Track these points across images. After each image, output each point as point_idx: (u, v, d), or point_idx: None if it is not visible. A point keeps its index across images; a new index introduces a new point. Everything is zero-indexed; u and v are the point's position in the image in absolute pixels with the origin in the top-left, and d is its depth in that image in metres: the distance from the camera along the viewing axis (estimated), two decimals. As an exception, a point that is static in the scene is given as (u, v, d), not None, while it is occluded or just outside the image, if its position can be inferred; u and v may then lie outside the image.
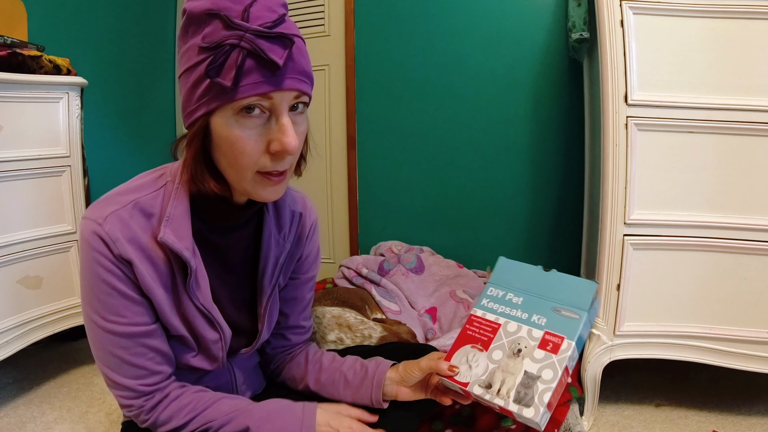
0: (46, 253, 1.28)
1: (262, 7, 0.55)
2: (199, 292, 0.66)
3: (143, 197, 0.63)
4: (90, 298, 0.62)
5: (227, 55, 0.53)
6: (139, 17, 2.27)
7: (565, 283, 0.66)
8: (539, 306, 0.66)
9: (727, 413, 1.16)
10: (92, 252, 0.60)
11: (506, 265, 0.72)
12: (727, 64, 1.01)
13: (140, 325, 0.64)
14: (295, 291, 0.82)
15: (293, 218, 0.77)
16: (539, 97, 1.76)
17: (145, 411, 0.66)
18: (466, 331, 0.69)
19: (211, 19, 0.55)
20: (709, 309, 1.06)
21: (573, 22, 1.47)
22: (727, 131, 1.01)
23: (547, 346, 0.62)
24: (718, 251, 1.05)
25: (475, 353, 0.66)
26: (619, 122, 1.04)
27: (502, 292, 0.70)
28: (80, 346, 1.60)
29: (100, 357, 0.65)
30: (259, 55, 0.53)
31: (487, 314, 0.69)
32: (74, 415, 1.21)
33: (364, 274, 1.62)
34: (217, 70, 0.54)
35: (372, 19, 1.95)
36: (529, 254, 1.84)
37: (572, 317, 0.62)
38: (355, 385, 0.75)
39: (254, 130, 0.57)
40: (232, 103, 0.55)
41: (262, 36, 0.54)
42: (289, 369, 0.84)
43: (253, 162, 0.58)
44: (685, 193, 1.05)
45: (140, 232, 0.62)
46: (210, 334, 0.68)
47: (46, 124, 1.27)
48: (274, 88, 0.55)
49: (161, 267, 0.64)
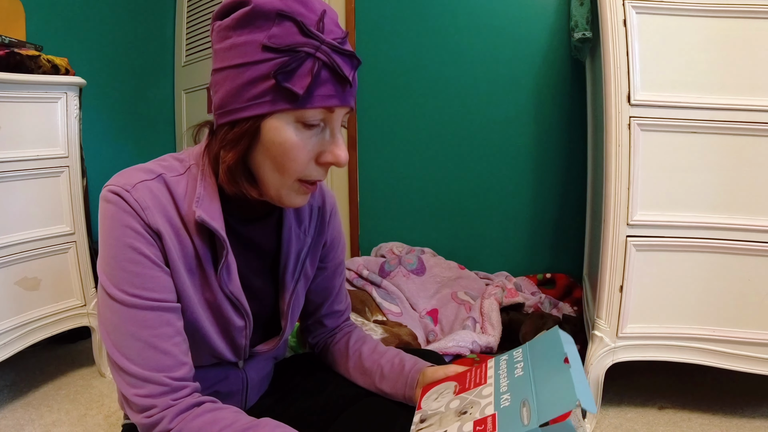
0: (45, 255, 1.28)
1: (330, 22, 0.56)
2: (229, 277, 0.64)
3: (169, 176, 0.62)
4: (112, 269, 0.57)
5: (301, 62, 0.53)
6: (137, 17, 2.27)
7: (561, 385, 0.52)
8: (521, 389, 0.56)
9: (731, 416, 1.15)
10: (120, 217, 0.57)
11: (550, 336, 0.62)
12: (731, 63, 1.00)
13: (167, 301, 0.59)
14: (325, 281, 0.83)
15: (312, 212, 0.77)
16: (541, 97, 1.75)
17: (171, 416, 0.56)
18: (469, 370, 0.67)
19: (282, 20, 0.53)
20: (712, 311, 1.06)
21: (575, 21, 1.46)
22: (731, 131, 1.01)
23: (478, 426, 0.53)
24: (722, 252, 1.04)
25: (449, 391, 0.64)
26: (622, 122, 1.03)
27: (520, 359, 0.62)
28: (79, 348, 1.60)
29: (117, 344, 0.57)
30: (334, 69, 0.55)
31: (491, 368, 0.64)
32: (73, 418, 1.20)
33: (364, 275, 1.61)
34: (288, 75, 0.53)
35: (372, 18, 1.94)
36: (531, 255, 1.83)
37: (522, 420, 0.51)
38: (391, 380, 0.76)
39: (310, 139, 0.58)
40: (297, 111, 0.55)
41: (336, 51, 0.55)
42: (332, 353, 0.85)
43: (301, 170, 0.59)
44: (688, 194, 1.04)
45: (169, 207, 0.60)
46: (237, 321, 0.67)
47: (45, 124, 1.26)
48: (341, 104, 0.57)
49: (188, 247, 0.61)
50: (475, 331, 1.37)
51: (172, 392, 0.57)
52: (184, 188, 0.62)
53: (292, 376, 0.87)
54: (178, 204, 0.61)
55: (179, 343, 0.59)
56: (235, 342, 0.69)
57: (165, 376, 0.57)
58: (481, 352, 1.32)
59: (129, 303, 0.57)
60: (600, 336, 1.10)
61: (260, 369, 0.79)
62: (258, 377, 0.79)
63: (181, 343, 0.60)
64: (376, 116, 1.97)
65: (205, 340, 0.65)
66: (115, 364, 0.57)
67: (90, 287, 1.38)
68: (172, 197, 0.61)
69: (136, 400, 0.56)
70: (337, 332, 0.87)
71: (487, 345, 1.32)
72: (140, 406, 0.56)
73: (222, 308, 0.65)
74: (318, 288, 0.82)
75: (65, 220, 1.32)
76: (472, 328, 1.37)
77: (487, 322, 1.39)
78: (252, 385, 0.78)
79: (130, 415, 0.58)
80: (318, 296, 0.83)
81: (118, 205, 0.57)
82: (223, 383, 0.73)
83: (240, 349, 0.70)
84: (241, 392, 0.76)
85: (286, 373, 0.89)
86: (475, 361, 1.20)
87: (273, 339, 0.76)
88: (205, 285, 0.64)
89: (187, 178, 0.63)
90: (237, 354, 0.71)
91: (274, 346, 0.76)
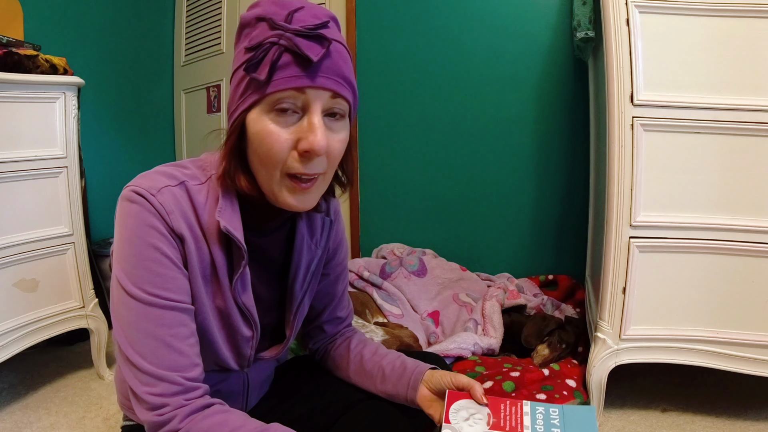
0: (43, 256, 1.27)
1: (307, 14, 0.58)
2: (243, 289, 0.65)
3: (191, 185, 0.63)
4: (133, 267, 0.58)
5: (266, 52, 0.56)
6: (136, 16, 2.26)
7: None
8: None
9: (734, 418, 1.14)
10: (145, 217, 0.57)
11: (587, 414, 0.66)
12: (735, 63, 1.00)
13: (184, 303, 0.60)
14: (328, 287, 0.83)
15: (324, 224, 0.77)
16: (543, 97, 1.75)
17: (182, 416, 0.56)
18: (501, 402, 0.67)
19: (258, 23, 0.58)
20: (716, 312, 1.05)
21: (578, 20, 1.45)
22: (735, 132, 1.00)
23: None
24: (726, 254, 1.03)
25: (483, 419, 0.64)
26: (625, 122, 1.02)
27: (558, 422, 0.64)
28: (77, 350, 1.59)
29: (132, 341, 0.57)
30: (295, 51, 0.55)
31: (528, 415, 0.65)
32: (71, 421, 1.20)
33: (365, 277, 1.60)
34: (255, 67, 0.56)
35: (373, 18, 1.93)
36: (534, 256, 1.82)
37: None
38: (392, 381, 0.75)
39: (286, 128, 0.58)
40: (266, 98, 0.56)
41: (301, 35, 0.56)
42: (333, 358, 0.85)
43: (281, 159, 0.58)
44: (692, 195, 1.03)
45: (190, 214, 0.61)
46: (245, 331, 0.67)
47: (43, 124, 1.25)
48: (307, 84, 0.56)
49: (205, 255, 0.62)
50: (477, 333, 1.36)
51: (185, 392, 0.58)
52: (204, 197, 0.63)
53: (294, 379, 0.87)
54: (198, 212, 0.62)
55: (193, 345, 0.60)
56: (241, 351, 0.69)
57: (179, 375, 0.57)
58: (483, 354, 1.31)
59: (147, 301, 0.57)
60: (603, 338, 1.09)
61: (261, 371, 0.80)
62: (259, 379, 0.80)
63: (195, 344, 0.61)
64: (377, 115, 1.96)
65: (212, 347, 0.66)
66: (128, 361, 0.58)
67: (88, 289, 1.38)
68: (193, 205, 0.62)
69: (147, 398, 0.56)
70: (337, 337, 0.87)
71: (488, 347, 1.31)
72: (152, 404, 0.56)
73: (232, 318, 0.66)
74: (320, 294, 0.82)
75: (63, 221, 1.31)
76: (474, 330, 1.37)
77: (488, 323, 1.39)
78: (253, 386, 0.78)
79: (139, 413, 0.58)
80: (320, 302, 0.83)
81: (142, 206, 0.58)
82: (225, 383, 0.73)
83: (245, 358, 0.70)
84: (242, 393, 0.77)
85: (287, 375, 0.88)
86: (486, 374, 1.18)
87: (276, 347, 0.76)
88: (218, 293, 0.64)
89: (208, 187, 0.64)
90: (240, 364, 0.71)
91: (277, 354, 0.76)
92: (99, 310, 1.39)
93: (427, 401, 0.73)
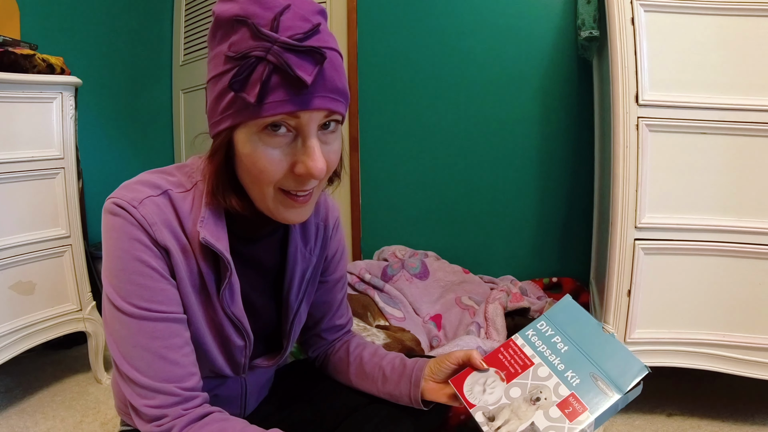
0: (40, 258, 1.26)
1: (294, 16, 0.51)
2: (231, 299, 0.63)
3: (175, 193, 0.60)
4: (120, 282, 0.57)
5: (252, 68, 0.50)
6: (134, 15, 2.24)
7: (618, 354, 0.62)
8: (580, 364, 0.62)
9: (741, 423, 1.13)
10: (128, 230, 0.56)
11: (568, 307, 0.68)
12: (741, 63, 0.99)
13: (176, 313, 0.59)
14: (326, 295, 0.81)
15: (318, 230, 0.75)
16: (548, 97, 1.73)
17: (181, 425, 0.56)
18: (497, 354, 0.68)
19: (239, 26, 0.51)
20: (722, 315, 1.04)
21: (582, 19, 1.44)
22: (741, 132, 0.99)
23: (566, 409, 0.58)
24: (732, 256, 1.02)
25: (495, 380, 0.65)
26: (630, 123, 1.01)
27: (552, 332, 0.66)
28: (74, 353, 1.58)
29: (127, 355, 0.56)
30: (285, 72, 0.50)
31: (526, 346, 0.66)
32: (68, 425, 1.19)
33: (367, 279, 1.59)
34: (241, 84, 0.51)
35: (375, 17, 1.92)
36: (537, 259, 1.80)
37: (606, 393, 0.59)
38: (393, 381, 0.74)
39: (279, 149, 0.54)
40: (256, 120, 0.52)
41: (290, 49, 0.50)
42: (333, 362, 0.84)
43: (274, 179, 0.55)
44: (697, 196, 1.02)
45: (174, 224, 0.59)
46: (237, 341, 0.66)
47: (40, 124, 1.24)
48: (301, 108, 0.51)
49: (192, 265, 0.61)
50: (480, 336, 1.34)
51: (183, 402, 0.58)
52: (189, 205, 0.61)
53: (294, 383, 0.86)
54: (183, 222, 0.60)
55: (188, 354, 0.60)
56: (234, 359, 0.68)
57: (175, 386, 0.57)
58: (486, 358, 1.29)
59: (138, 315, 0.57)
60: (608, 341, 1.08)
61: (260, 376, 0.79)
62: (258, 384, 0.79)
63: (190, 353, 0.60)
64: (379, 116, 1.95)
65: (206, 356, 0.65)
66: (124, 376, 0.57)
67: (86, 292, 1.36)
68: (177, 215, 0.60)
69: (146, 411, 0.56)
70: (336, 342, 0.87)
71: (491, 350, 1.30)
72: (150, 416, 0.56)
73: (223, 327, 0.64)
74: (318, 302, 0.81)
75: (60, 223, 1.30)
76: (477, 333, 1.35)
77: (491, 327, 1.37)
78: (251, 391, 0.77)
79: (139, 425, 0.58)
80: (318, 310, 0.82)
81: (125, 219, 0.56)
82: (222, 388, 0.72)
83: (239, 366, 0.69)
84: (240, 398, 0.76)
85: (286, 379, 0.88)
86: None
87: (274, 357, 0.75)
88: (207, 303, 0.63)
89: (194, 194, 0.62)
90: (235, 371, 0.70)
91: (274, 363, 0.75)
92: (96, 313, 1.38)
93: (437, 392, 0.72)
